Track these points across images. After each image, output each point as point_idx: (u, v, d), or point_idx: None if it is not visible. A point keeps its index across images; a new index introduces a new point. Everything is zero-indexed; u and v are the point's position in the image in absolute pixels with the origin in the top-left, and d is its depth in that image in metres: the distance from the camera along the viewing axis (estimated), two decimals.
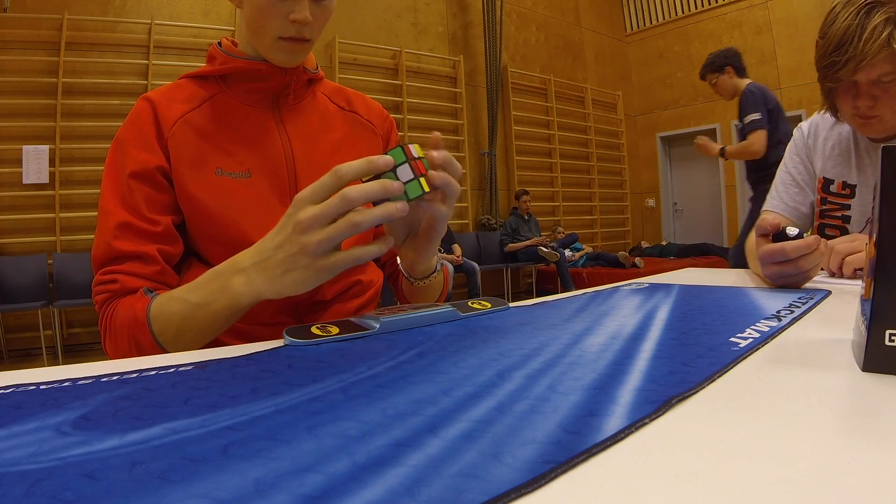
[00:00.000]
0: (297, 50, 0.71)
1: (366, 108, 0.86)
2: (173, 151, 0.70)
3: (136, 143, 0.70)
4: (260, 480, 0.22)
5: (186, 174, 0.70)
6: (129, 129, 0.71)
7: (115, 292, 0.65)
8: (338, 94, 0.85)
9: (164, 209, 0.70)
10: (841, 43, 0.84)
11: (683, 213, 7.69)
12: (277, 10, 0.68)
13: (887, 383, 0.33)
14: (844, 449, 0.24)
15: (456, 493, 0.20)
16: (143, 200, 0.68)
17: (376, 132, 0.85)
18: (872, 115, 0.89)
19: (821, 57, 0.89)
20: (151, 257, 0.66)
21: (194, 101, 0.73)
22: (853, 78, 0.86)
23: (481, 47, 6.06)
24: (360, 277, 0.81)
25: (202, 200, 0.70)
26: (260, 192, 0.72)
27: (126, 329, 0.62)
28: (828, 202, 1.08)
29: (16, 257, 3.71)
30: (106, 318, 0.65)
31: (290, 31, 0.69)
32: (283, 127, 0.76)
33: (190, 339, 0.61)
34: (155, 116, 0.71)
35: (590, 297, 0.71)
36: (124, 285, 0.65)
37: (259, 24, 0.70)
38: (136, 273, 0.65)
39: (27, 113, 3.78)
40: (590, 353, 0.41)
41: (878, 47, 0.80)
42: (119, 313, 0.64)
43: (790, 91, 6.23)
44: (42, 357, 3.63)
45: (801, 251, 0.68)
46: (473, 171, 5.94)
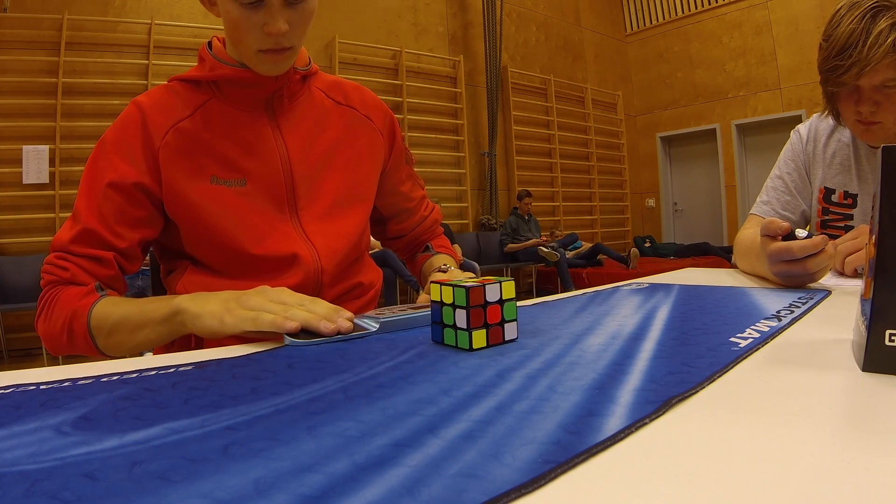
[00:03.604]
0: (279, 60, 0.69)
1: (362, 102, 0.84)
2: (166, 162, 0.69)
3: (119, 152, 0.69)
4: (260, 480, 0.22)
5: (182, 183, 0.69)
6: (115, 133, 0.70)
7: (64, 279, 0.67)
8: (334, 89, 0.83)
9: (135, 224, 0.70)
10: (845, 47, 0.82)
11: (683, 213, 7.69)
12: (251, 23, 0.65)
13: (887, 383, 0.33)
14: (844, 449, 0.24)
15: (456, 493, 0.20)
16: (114, 212, 0.69)
17: (375, 127, 0.84)
18: (874, 122, 0.89)
19: (824, 60, 0.87)
20: (107, 261, 0.69)
21: (187, 107, 0.71)
22: (856, 83, 0.85)
23: (481, 47, 6.05)
24: (361, 280, 0.81)
25: (198, 209, 0.69)
26: (255, 201, 0.72)
27: (64, 316, 0.64)
28: (830, 212, 1.06)
29: (16, 257, 3.71)
30: (47, 298, 0.67)
31: (267, 43, 0.66)
32: (279, 130, 0.75)
33: (120, 339, 0.63)
34: (144, 126, 0.69)
35: (590, 297, 0.71)
36: (74, 276, 0.67)
37: (236, 37, 0.68)
38: (89, 270, 0.67)
39: (27, 113, 3.78)
40: (590, 353, 0.41)
41: (882, 52, 0.79)
42: (62, 299, 0.66)
43: (790, 91, 6.23)
44: (42, 357, 3.62)
45: (807, 251, 0.67)
46: (473, 171, 5.94)
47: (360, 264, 0.82)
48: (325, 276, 0.73)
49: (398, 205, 0.91)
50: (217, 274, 0.72)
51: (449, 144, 5.77)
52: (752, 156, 6.80)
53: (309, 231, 0.74)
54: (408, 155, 0.92)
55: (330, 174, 0.77)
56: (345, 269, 0.77)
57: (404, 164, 0.91)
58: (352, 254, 0.78)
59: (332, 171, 0.77)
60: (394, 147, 0.87)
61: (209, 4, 0.69)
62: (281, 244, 0.71)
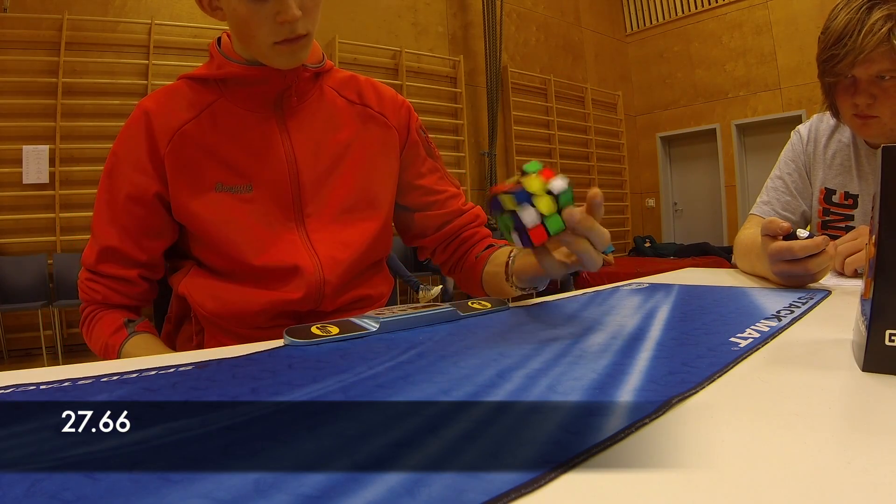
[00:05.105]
0: (296, 50, 0.66)
1: (378, 100, 0.80)
2: (171, 168, 0.68)
3: (131, 162, 0.69)
4: (260, 480, 0.22)
5: (185, 191, 0.69)
6: (124, 143, 0.70)
7: (98, 302, 0.73)
8: (347, 86, 0.79)
9: (157, 235, 0.72)
10: (841, 36, 0.85)
11: (683, 213, 7.69)
12: (262, 16, 0.62)
13: (887, 383, 0.33)
14: (844, 449, 0.24)
15: (456, 493, 0.20)
16: (136, 225, 0.70)
17: (390, 125, 0.80)
18: (871, 115, 0.89)
19: (821, 51, 0.90)
20: (133, 281, 0.72)
21: (193, 108, 0.70)
22: (852, 72, 0.87)
23: (481, 47, 6.05)
24: (370, 292, 0.78)
25: (201, 218, 0.69)
26: (260, 208, 0.70)
27: (99, 346, 0.71)
28: (831, 213, 1.07)
29: (16, 257, 3.71)
30: (86, 315, 0.74)
31: (282, 33, 0.63)
32: (287, 133, 0.72)
33: None
34: (150, 131, 0.68)
35: (590, 297, 0.71)
36: (106, 297, 0.73)
37: (247, 34, 0.65)
38: (118, 290, 0.73)
39: (27, 113, 3.78)
40: (590, 353, 0.41)
41: (876, 41, 0.81)
42: (97, 328, 0.72)
43: (790, 91, 6.22)
44: (42, 357, 3.62)
45: (808, 251, 0.68)
46: (473, 171, 5.94)
47: (371, 274, 0.79)
48: (327, 287, 0.71)
49: (419, 199, 0.83)
50: (220, 277, 0.71)
51: (449, 144, 5.76)
52: (752, 156, 6.79)
53: (314, 240, 0.72)
54: (429, 148, 0.85)
55: (340, 178, 0.74)
56: (351, 279, 0.74)
57: (423, 156, 0.84)
58: (359, 264, 0.75)
59: (343, 176, 0.74)
60: (408, 139, 0.82)
61: (211, 10, 0.67)
62: (283, 254, 0.70)
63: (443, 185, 0.85)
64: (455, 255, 0.86)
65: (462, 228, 0.85)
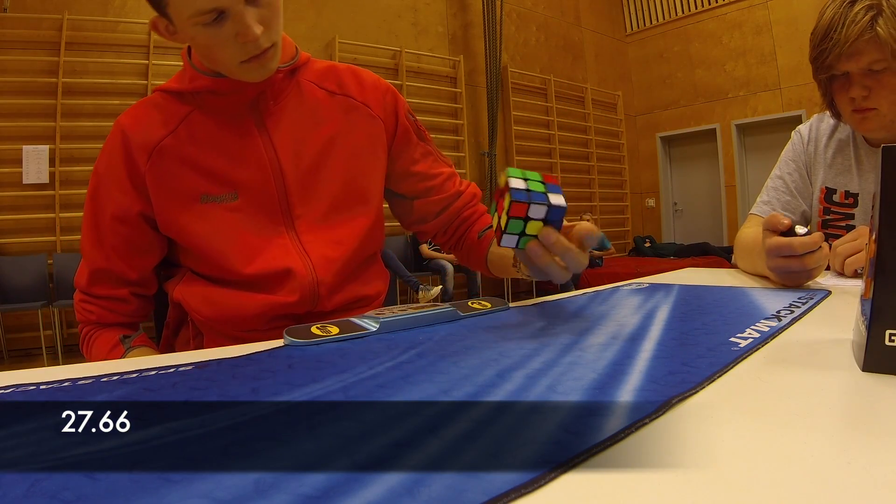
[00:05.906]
0: (265, 62, 0.64)
1: (359, 88, 0.77)
2: (153, 185, 0.68)
3: (112, 182, 0.69)
4: (260, 480, 0.22)
5: (170, 207, 0.68)
6: (104, 161, 0.70)
7: (93, 322, 0.74)
8: (327, 77, 0.76)
9: (144, 252, 0.72)
10: (827, 31, 0.88)
11: (683, 213, 7.69)
12: (222, 39, 0.60)
13: (887, 383, 0.33)
14: (844, 449, 0.24)
15: (456, 493, 0.20)
16: (123, 244, 0.70)
17: (374, 115, 0.77)
18: (869, 108, 0.90)
19: (812, 50, 0.92)
20: (124, 299, 0.73)
21: (169, 122, 0.68)
22: (843, 67, 0.89)
23: (481, 47, 6.05)
24: (367, 292, 0.77)
25: (189, 232, 0.69)
26: (247, 215, 0.69)
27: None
28: (831, 212, 1.07)
29: (16, 257, 3.71)
30: (84, 335, 0.74)
31: (247, 51, 0.62)
32: (267, 133, 0.70)
33: None
34: (127, 149, 0.68)
35: (590, 297, 0.71)
36: (101, 318, 0.73)
37: (211, 57, 0.64)
38: (111, 309, 0.74)
39: (27, 113, 3.78)
40: (590, 353, 0.41)
41: (858, 30, 0.83)
42: (95, 346, 0.72)
43: (790, 91, 6.22)
44: (42, 357, 3.62)
45: (807, 247, 0.68)
46: (473, 171, 5.94)
47: (366, 270, 0.78)
48: (321, 288, 0.70)
49: (416, 186, 0.82)
50: (214, 283, 0.71)
51: (449, 144, 5.76)
52: (752, 156, 6.80)
53: (305, 241, 0.71)
54: (419, 131, 0.83)
55: (326, 175, 0.73)
56: (346, 277, 0.74)
57: (415, 141, 0.82)
58: (352, 261, 0.74)
59: (328, 172, 0.73)
60: (397, 127, 0.79)
61: (169, 34, 0.65)
62: (274, 260, 0.69)
63: (438, 168, 0.84)
64: (455, 234, 0.86)
65: (461, 209, 0.85)
